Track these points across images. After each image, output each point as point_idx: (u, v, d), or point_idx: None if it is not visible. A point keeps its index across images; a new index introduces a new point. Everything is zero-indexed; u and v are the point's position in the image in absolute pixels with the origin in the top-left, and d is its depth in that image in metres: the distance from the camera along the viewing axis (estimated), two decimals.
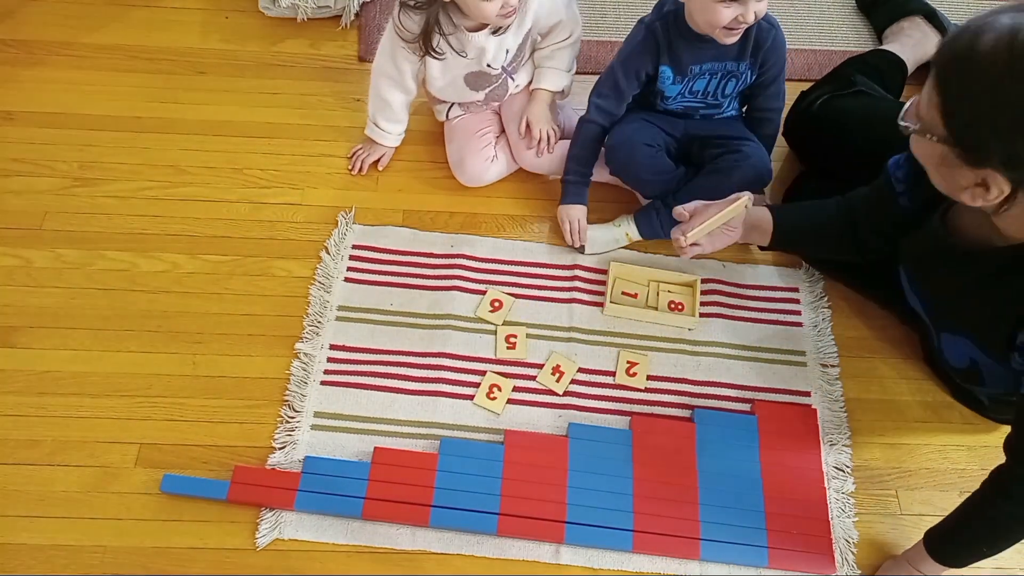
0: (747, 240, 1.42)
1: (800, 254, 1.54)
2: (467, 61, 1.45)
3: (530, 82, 1.57)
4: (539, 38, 1.52)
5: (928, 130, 0.98)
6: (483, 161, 1.56)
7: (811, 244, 1.44)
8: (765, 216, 1.37)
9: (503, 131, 1.62)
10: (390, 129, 1.58)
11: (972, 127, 0.93)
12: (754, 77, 1.44)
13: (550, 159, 1.56)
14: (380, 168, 1.62)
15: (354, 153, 1.62)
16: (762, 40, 1.39)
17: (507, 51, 1.46)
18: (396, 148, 1.63)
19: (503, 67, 1.48)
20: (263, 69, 1.76)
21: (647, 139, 1.47)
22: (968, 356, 1.21)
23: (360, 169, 1.61)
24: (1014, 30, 0.88)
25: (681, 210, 1.33)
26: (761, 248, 1.44)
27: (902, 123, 1.02)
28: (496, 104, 1.60)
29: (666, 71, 1.41)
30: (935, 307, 1.25)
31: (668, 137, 1.51)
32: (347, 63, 1.79)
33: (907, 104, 1.03)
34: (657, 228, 1.51)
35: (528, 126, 1.53)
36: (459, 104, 1.59)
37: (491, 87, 1.53)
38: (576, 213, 1.52)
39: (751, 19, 1.29)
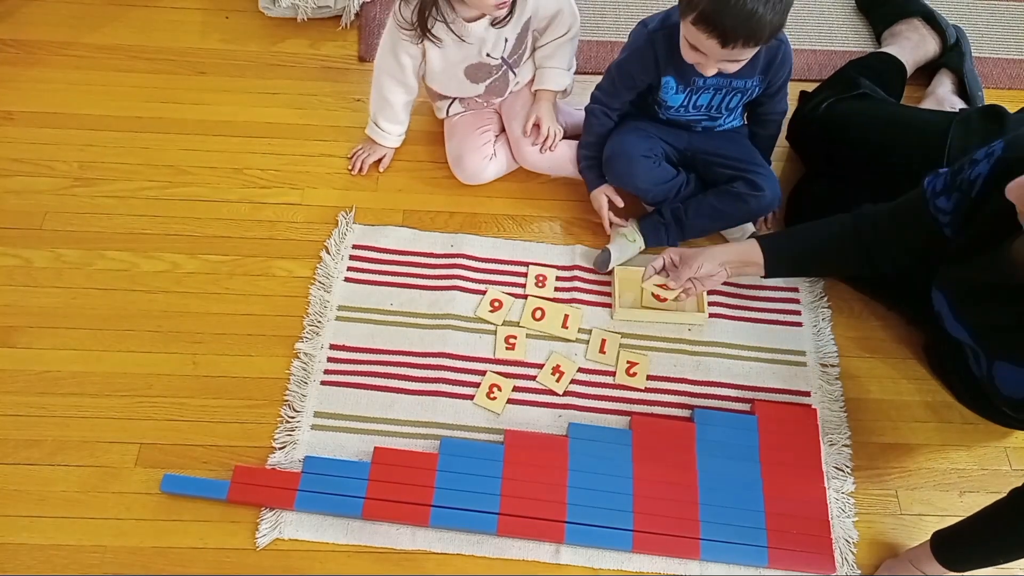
0: (741, 274, 1.39)
1: (803, 276, 1.51)
2: (467, 52, 1.45)
3: (531, 80, 1.57)
4: (538, 36, 1.52)
5: None
6: (482, 159, 1.56)
7: (812, 268, 1.44)
8: (754, 251, 1.35)
9: (503, 130, 1.62)
10: (391, 129, 1.58)
11: None
12: (760, 91, 1.43)
13: (551, 158, 1.56)
14: (381, 169, 1.62)
15: (354, 154, 1.62)
16: (771, 57, 1.37)
17: (506, 40, 1.45)
18: (396, 149, 1.63)
19: (503, 58, 1.48)
20: (263, 69, 1.76)
21: (644, 151, 1.46)
22: None
23: (360, 170, 1.61)
24: None
25: (669, 258, 1.37)
26: (762, 277, 1.39)
27: None
28: (496, 100, 1.60)
29: (670, 81, 1.40)
30: (989, 337, 1.21)
31: (668, 147, 1.50)
32: (347, 63, 1.79)
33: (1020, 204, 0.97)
34: (663, 237, 1.51)
35: (536, 124, 1.54)
36: (460, 100, 1.59)
37: (491, 79, 1.53)
38: (602, 194, 1.52)
39: (708, 73, 1.27)
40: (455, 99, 1.59)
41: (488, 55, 1.46)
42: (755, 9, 1.16)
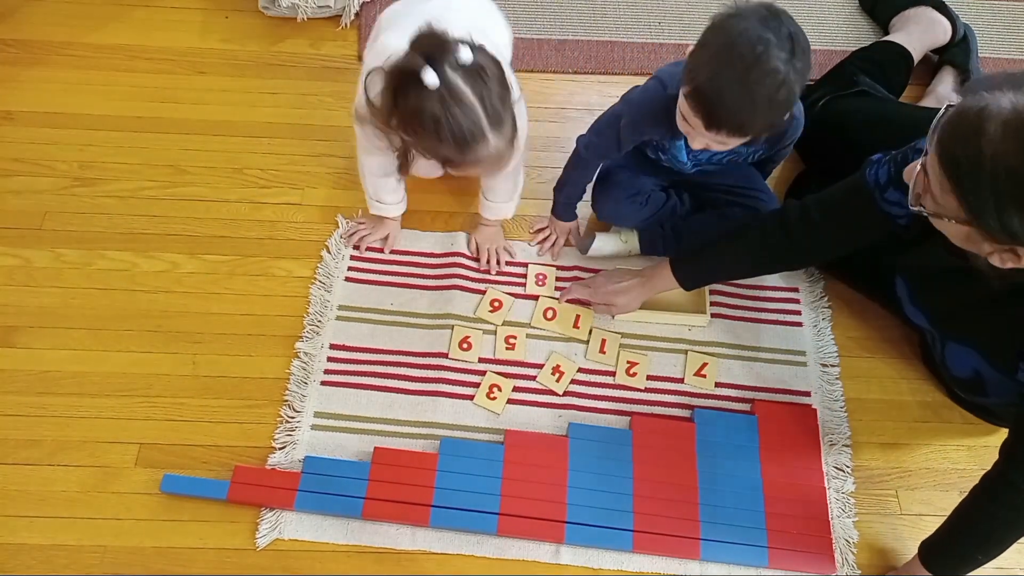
0: (658, 288, 1.41)
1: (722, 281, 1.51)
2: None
3: None
4: None
5: (947, 215, 0.95)
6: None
7: (730, 275, 1.45)
8: (664, 271, 1.38)
9: None
10: (393, 200, 1.46)
11: (995, 215, 0.89)
12: (765, 153, 1.39)
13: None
14: (387, 249, 1.51)
15: (353, 233, 1.51)
16: (780, 131, 1.31)
17: None
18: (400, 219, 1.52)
19: None
20: (263, 69, 1.76)
21: (630, 193, 1.44)
22: (972, 367, 1.20)
23: (360, 248, 1.51)
24: (1017, 113, 0.85)
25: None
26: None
27: (914, 209, 0.99)
28: None
29: (681, 145, 1.34)
30: (940, 319, 1.24)
31: (658, 180, 1.47)
32: (347, 63, 1.79)
33: (911, 184, 1.00)
34: (659, 248, 1.51)
35: (478, 249, 1.50)
36: None
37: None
38: (564, 228, 1.51)
39: (695, 146, 1.23)
40: None
41: None
42: (748, 114, 1.11)
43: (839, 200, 1.24)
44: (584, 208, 1.53)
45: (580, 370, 1.41)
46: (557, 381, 1.40)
